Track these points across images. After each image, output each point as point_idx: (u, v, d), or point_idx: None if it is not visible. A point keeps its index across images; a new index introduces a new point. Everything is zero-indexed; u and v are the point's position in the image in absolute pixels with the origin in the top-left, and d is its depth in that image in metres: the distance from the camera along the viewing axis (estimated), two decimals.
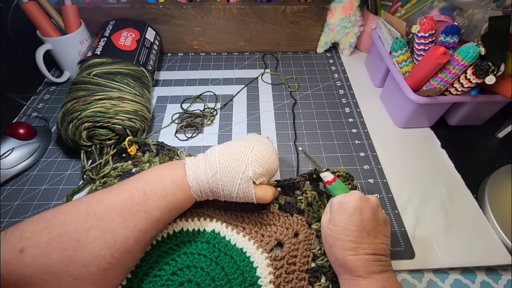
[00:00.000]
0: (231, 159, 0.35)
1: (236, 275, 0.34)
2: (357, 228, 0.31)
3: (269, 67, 0.64)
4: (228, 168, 0.34)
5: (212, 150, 0.36)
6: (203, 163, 0.35)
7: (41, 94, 0.58)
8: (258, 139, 0.37)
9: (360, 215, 0.32)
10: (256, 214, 0.39)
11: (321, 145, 0.49)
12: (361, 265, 0.30)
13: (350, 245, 0.31)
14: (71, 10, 0.54)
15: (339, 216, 0.32)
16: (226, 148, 0.36)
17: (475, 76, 0.41)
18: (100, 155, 0.45)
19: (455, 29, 0.42)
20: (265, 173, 0.35)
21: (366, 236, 0.31)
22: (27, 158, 0.45)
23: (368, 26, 0.64)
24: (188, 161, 0.35)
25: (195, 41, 0.65)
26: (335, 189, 0.36)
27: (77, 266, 0.28)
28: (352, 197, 0.33)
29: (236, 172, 0.34)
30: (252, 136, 0.38)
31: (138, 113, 0.46)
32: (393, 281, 0.30)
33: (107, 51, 0.51)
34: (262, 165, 0.35)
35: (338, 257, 0.31)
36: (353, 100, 0.58)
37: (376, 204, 0.34)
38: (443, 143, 0.50)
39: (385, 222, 0.33)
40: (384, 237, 0.32)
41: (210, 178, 0.34)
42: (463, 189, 0.44)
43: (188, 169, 0.34)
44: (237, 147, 0.36)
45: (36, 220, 0.29)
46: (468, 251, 0.38)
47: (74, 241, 0.28)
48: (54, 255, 0.27)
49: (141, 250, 0.33)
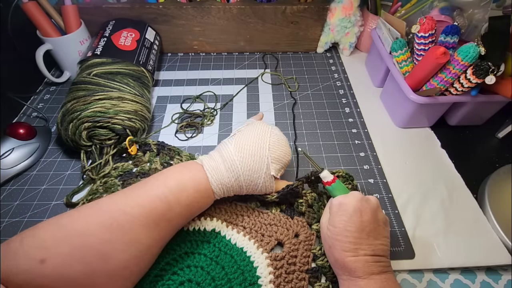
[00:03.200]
0: (251, 161, 0.35)
1: (236, 275, 0.34)
2: (357, 229, 0.31)
3: (269, 67, 0.64)
4: (250, 171, 0.35)
5: (228, 149, 0.36)
6: (223, 166, 0.35)
7: (41, 94, 0.58)
8: (270, 132, 0.38)
9: (360, 216, 0.31)
10: (256, 213, 0.40)
11: (321, 145, 0.49)
12: (361, 266, 0.30)
13: (349, 246, 0.31)
14: (71, 10, 0.54)
15: (338, 217, 0.32)
16: (242, 146, 0.36)
17: (475, 76, 0.41)
18: (100, 155, 0.45)
19: (455, 29, 0.42)
20: (283, 167, 0.38)
21: (366, 237, 0.31)
22: (27, 158, 0.45)
23: (368, 26, 0.64)
24: (206, 164, 0.35)
25: (195, 41, 0.65)
26: (334, 189, 0.36)
27: (101, 277, 0.27)
28: (352, 198, 0.33)
29: (258, 174, 0.36)
30: (262, 127, 0.38)
31: (138, 113, 0.46)
32: (392, 282, 0.30)
33: (107, 51, 0.51)
34: (280, 161, 0.37)
35: (338, 258, 0.31)
36: (353, 100, 0.58)
37: (376, 205, 0.33)
38: (443, 143, 0.50)
39: (384, 223, 0.33)
40: (383, 238, 0.32)
41: (233, 182, 0.35)
42: (463, 189, 0.44)
43: (210, 175, 0.34)
44: (253, 145, 0.36)
45: (54, 228, 0.28)
46: (469, 251, 0.38)
47: (99, 253, 0.27)
48: (77, 266, 0.26)
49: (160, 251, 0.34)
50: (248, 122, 0.41)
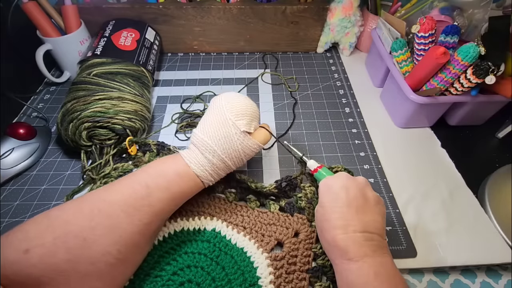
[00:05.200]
0: (217, 130, 0.35)
1: (236, 275, 0.34)
2: (343, 205, 0.31)
3: (269, 67, 0.64)
4: (221, 139, 0.35)
5: (195, 135, 0.36)
6: (196, 149, 0.36)
7: (41, 94, 0.58)
8: (223, 98, 0.38)
9: (346, 193, 0.32)
10: (256, 213, 0.40)
11: (321, 145, 0.49)
12: (351, 244, 0.29)
13: (338, 223, 0.31)
14: (71, 10, 0.54)
15: (326, 197, 0.33)
16: (204, 125, 0.36)
17: (475, 76, 0.41)
18: (100, 155, 0.45)
19: (455, 29, 0.42)
20: (252, 118, 0.37)
21: (355, 213, 0.31)
22: (27, 158, 0.45)
23: (368, 26, 0.64)
24: (183, 153, 0.36)
25: (195, 41, 0.65)
26: (321, 174, 0.37)
27: (84, 263, 0.28)
28: (337, 177, 0.34)
29: (230, 137, 0.35)
30: (215, 99, 0.39)
31: (138, 113, 0.46)
32: (388, 267, 0.29)
33: (107, 51, 0.51)
34: (244, 114, 0.36)
35: (329, 238, 0.31)
36: (353, 100, 0.58)
37: (363, 182, 0.34)
38: (443, 143, 0.50)
39: (375, 201, 0.33)
40: (375, 215, 0.32)
41: (212, 159, 0.35)
42: (464, 188, 0.44)
43: (188, 161, 0.35)
44: (213, 117, 0.36)
45: (38, 220, 0.29)
46: (471, 250, 0.38)
47: (80, 239, 0.28)
48: (61, 254, 0.27)
49: (147, 242, 0.33)
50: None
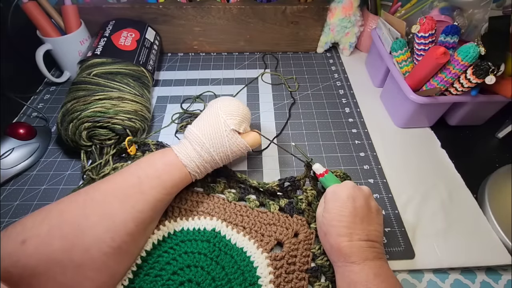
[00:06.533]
0: (209, 126, 0.38)
1: (236, 275, 0.34)
2: (350, 214, 0.32)
3: (269, 67, 0.64)
4: (211, 134, 0.37)
5: (188, 129, 0.39)
6: (187, 142, 0.38)
7: (41, 94, 0.58)
8: (219, 100, 0.41)
9: (353, 202, 0.33)
10: (256, 213, 0.40)
11: (321, 145, 0.49)
12: (355, 251, 0.31)
13: (344, 231, 0.32)
14: (71, 10, 0.54)
15: (333, 204, 0.34)
16: (199, 121, 0.39)
17: (475, 76, 0.41)
18: (100, 155, 0.45)
19: (455, 29, 0.42)
20: (243, 120, 0.40)
21: (360, 222, 0.32)
22: (27, 158, 0.45)
23: (368, 26, 0.64)
24: (174, 146, 0.38)
25: (195, 41, 0.65)
26: (327, 180, 0.38)
27: (79, 251, 0.28)
28: (345, 186, 0.35)
29: (219, 133, 0.38)
30: (213, 102, 0.42)
31: (138, 113, 0.46)
32: (386, 269, 0.31)
33: (107, 51, 0.51)
34: (236, 115, 0.39)
35: (333, 243, 0.32)
36: (353, 100, 0.58)
37: (368, 193, 0.35)
38: (443, 143, 0.50)
39: (377, 211, 0.35)
40: (377, 225, 0.33)
41: (200, 151, 0.37)
42: (463, 189, 0.44)
43: (177, 152, 0.37)
44: (207, 115, 0.39)
45: (36, 213, 0.30)
46: (468, 251, 0.38)
47: (74, 227, 0.29)
48: (56, 242, 0.28)
49: (141, 233, 0.34)
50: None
